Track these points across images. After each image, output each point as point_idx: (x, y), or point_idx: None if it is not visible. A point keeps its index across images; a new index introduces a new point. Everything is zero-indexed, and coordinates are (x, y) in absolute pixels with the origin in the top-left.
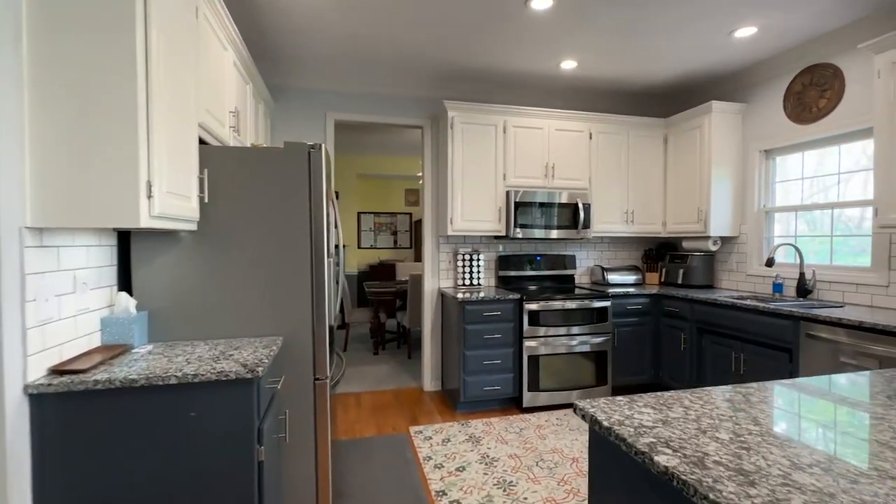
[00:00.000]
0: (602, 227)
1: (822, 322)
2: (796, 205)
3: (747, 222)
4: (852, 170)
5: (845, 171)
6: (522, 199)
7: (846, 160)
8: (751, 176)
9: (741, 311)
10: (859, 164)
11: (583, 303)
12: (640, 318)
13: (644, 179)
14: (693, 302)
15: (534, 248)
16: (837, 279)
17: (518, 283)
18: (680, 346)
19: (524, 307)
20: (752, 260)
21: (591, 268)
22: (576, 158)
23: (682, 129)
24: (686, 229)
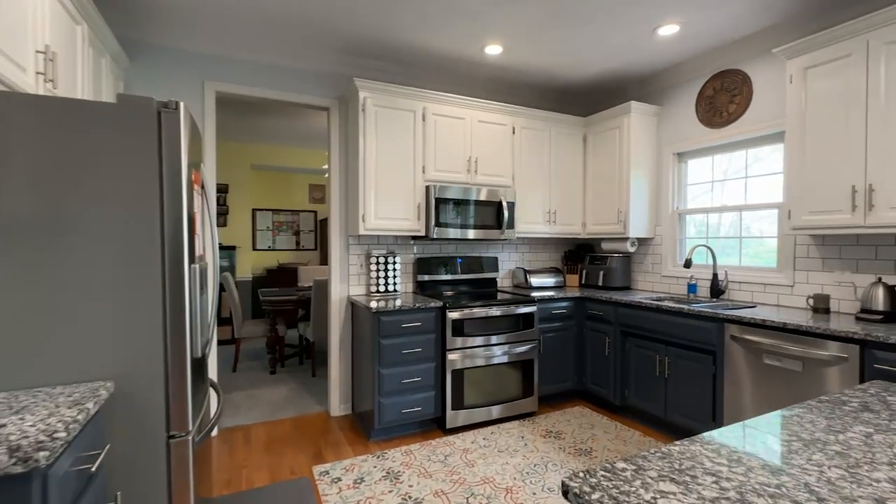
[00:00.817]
0: (525, 227)
1: (746, 324)
2: (707, 207)
3: (662, 224)
4: (760, 173)
5: (753, 174)
6: (443, 196)
7: (753, 164)
8: (665, 178)
9: (666, 314)
10: (767, 168)
11: (509, 309)
12: (564, 323)
13: (565, 179)
14: (618, 305)
15: (454, 250)
16: (747, 280)
17: (438, 289)
18: (604, 350)
19: (447, 316)
20: (666, 261)
21: (512, 270)
22: (499, 154)
23: (601, 128)
24: (606, 230)
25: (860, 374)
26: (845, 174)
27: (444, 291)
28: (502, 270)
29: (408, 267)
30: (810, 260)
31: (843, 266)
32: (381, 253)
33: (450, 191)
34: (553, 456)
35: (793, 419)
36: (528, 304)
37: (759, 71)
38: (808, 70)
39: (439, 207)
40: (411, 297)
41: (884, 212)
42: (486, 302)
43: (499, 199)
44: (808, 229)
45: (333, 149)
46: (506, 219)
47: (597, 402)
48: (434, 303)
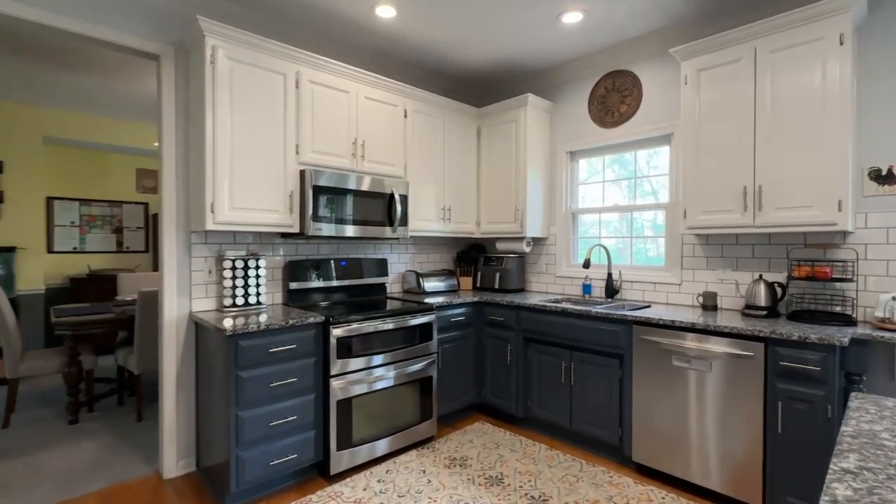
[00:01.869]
0: (419, 224)
1: (655, 325)
2: (599, 206)
3: (556, 223)
4: (649, 174)
5: (642, 175)
6: (322, 183)
7: (642, 165)
8: (559, 176)
9: (572, 318)
10: (656, 168)
11: (404, 320)
12: (462, 331)
13: (459, 173)
14: (520, 309)
15: (335, 251)
16: (638, 279)
17: (314, 299)
18: (506, 358)
19: (330, 333)
20: (560, 262)
21: (403, 274)
22: (390, 138)
23: (496, 121)
24: (502, 230)
25: (764, 370)
26: (737, 175)
27: (322, 302)
28: (392, 274)
29: (275, 273)
30: (696, 259)
31: (725, 264)
32: (240, 255)
33: (330, 178)
34: (463, 492)
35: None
36: (425, 312)
37: (648, 73)
38: (701, 72)
39: (318, 198)
40: (281, 311)
41: (771, 212)
42: (377, 313)
43: (389, 191)
44: (703, 228)
45: (167, 114)
46: (398, 214)
47: (497, 416)
48: (313, 317)
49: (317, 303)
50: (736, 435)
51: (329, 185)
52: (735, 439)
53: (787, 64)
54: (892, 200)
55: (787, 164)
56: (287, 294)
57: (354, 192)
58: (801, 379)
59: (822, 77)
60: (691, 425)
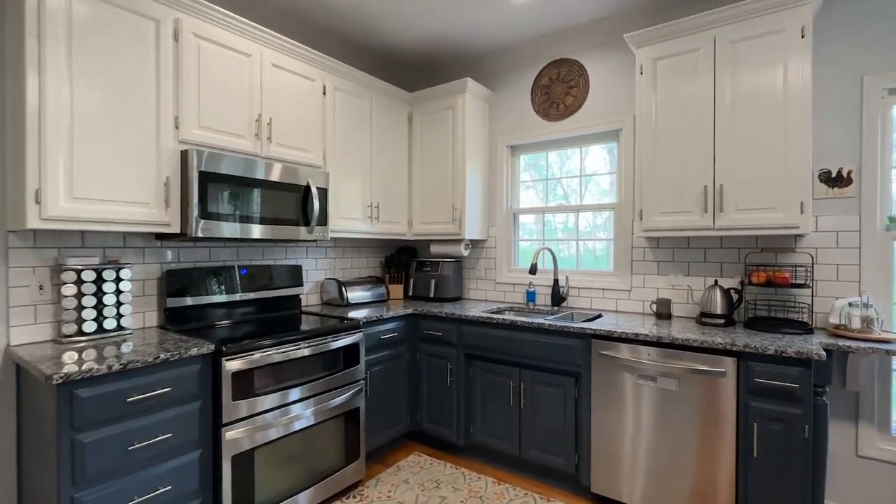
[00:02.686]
0: (342, 224)
1: (617, 339)
2: (543, 207)
3: (496, 224)
4: (595, 172)
5: (589, 173)
6: (214, 169)
7: (588, 163)
8: (499, 173)
9: (522, 331)
10: (603, 166)
11: (324, 342)
12: (394, 350)
13: (389, 165)
14: (461, 322)
15: (233, 256)
16: (586, 285)
17: (207, 319)
18: (445, 379)
19: (223, 367)
20: (501, 266)
21: (322, 283)
22: (305, 119)
23: (431, 108)
24: (437, 231)
25: (736, 388)
26: (697, 174)
27: (217, 323)
28: (308, 283)
29: (150, 286)
30: (646, 263)
31: (676, 269)
32: (89, 264)
33: (226, 162)
34: None
35: None
36: (350, 331)
37: (596, 63)
38: (658, 62)
39: (206, 188)
40: (156, 339)
41: (732, 214)
42: (289, 335)
43: (305, 182)
44: (661, 231)
45: None
46: (315, 211)
47: (436, 445)
48: (198, 346)
49: (208, 324)
50: (707, 460)
51: (223, 171)
52: (706, 464)
53: (748, 56)
54: (842, 203)
55: (748, 163)
56: (165, 313)
57: (259, 183)
58: (776, 397)
59: (783, 72)
60: (657, 450)
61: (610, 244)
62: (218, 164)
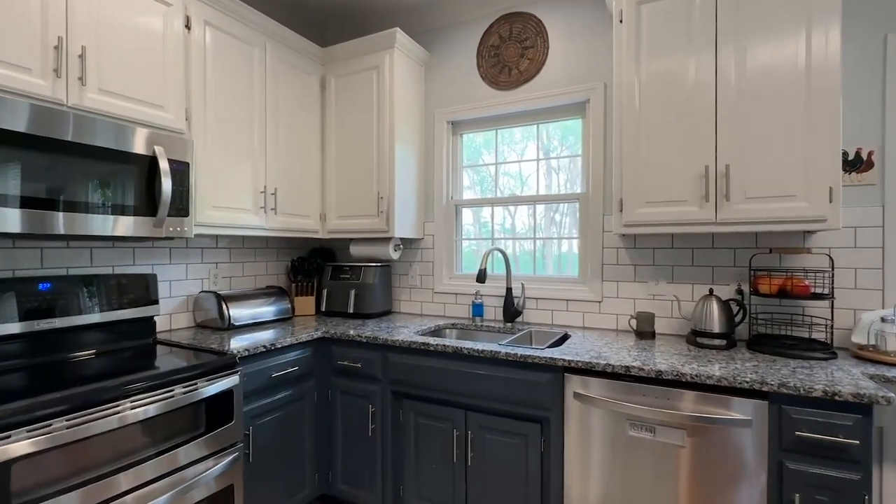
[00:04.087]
0: (218, 216)
1: (599, 373)
2: (493, 198)
3: (434, 219)
4: (560, 155)
5: (548, 156)
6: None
7: (548, 143)
8: (437, 155)
9: (469, 361)
10: (566, 148)
11: (175, 396)
12: (295, 390)
13: (293, 140)
14: (387, 348)
15: (33, 262)
16: (546, 295)
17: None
18: (366, 426)
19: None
20: (441, 272)
21: (194, 297)
22: (151, 58)
23: (351, 68)
24: (359, 227)
25: (769, 443)
26: (695, 154)
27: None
28: (174, 299)
29: None
30: (620, 268)
31: (657, 274)
32: None
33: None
34: None
35: None
36: (220, 372)
37: (557, 17)
38: (643, 5)
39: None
40: None
41: (740, 203)
42: (117, 387)
43: (150, 150)
44: (648, 225)
45: None
46: (166, 195)
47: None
48: None
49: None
50: None
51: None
52: None
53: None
54: (861, 192)
55: (760, 138)
56: None
57: (60, 146)
58: (825, 456)
59: (808, 16)
60: None
61: (573, 245)
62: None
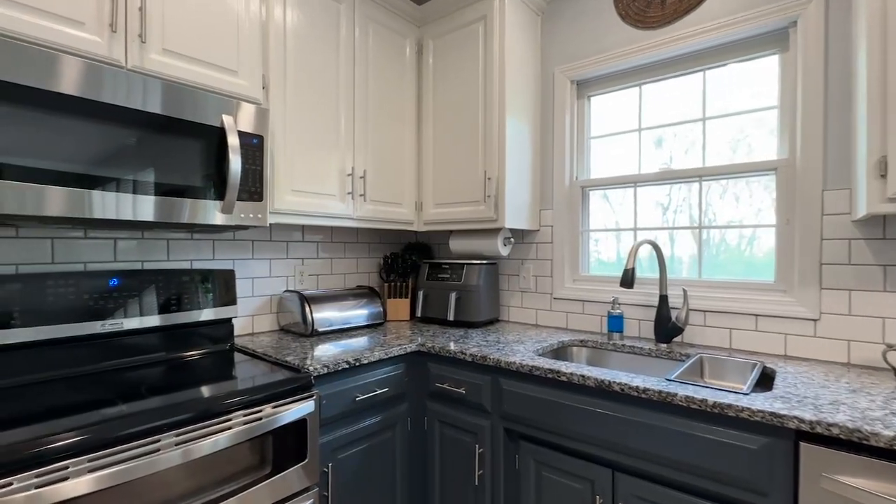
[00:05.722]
0: (294, 201)
1: (872, 451)
2: (635, 175)
3: (553, 206)
4: (739, 110)
5: (718, 114)
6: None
7: (716, 96)
8: (558, 125)
9: (617, 400)
10: (744, 101)
11: (234, 427)
12: (384, 416)
13: (384, 116)
14: (499, 372)
15: (103, 253)
16: (718, 307)
17: (27, 374)
18: (472, 470)
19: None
20: (563, 272)
21: (278, 298)
22: (220, 14)
23: (451, 24)
24: (461, 216)
25: None
26: None
27: (49, 376)
28: (258, 298)
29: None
30: (856, 270)
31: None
32: None
33: (30, 61)
34: None
35: None
36: (290, 397)
37: None
38: None
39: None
40: None
41: None
42: (142, 419)
43: (217, 121)
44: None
45: None
46: (235, 173)
47: None
48: None
49: (22, 382)
50: None
51: (11, 78)
52: None
53: None
54: None
55: None
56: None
57: (117, 113)
58: None
59: None
60: None
61: (769, 235)
62: (4, 63)
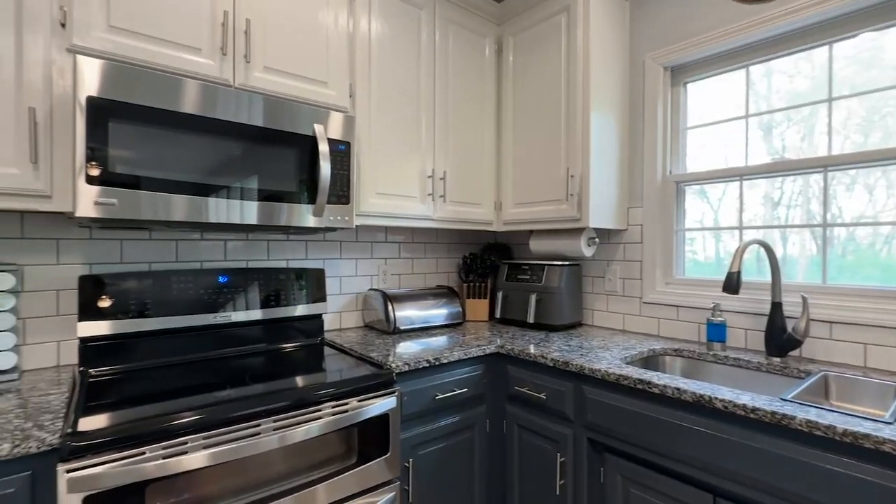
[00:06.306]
0: (381, 204)
1: None
2: (741, 167)
3: (644, 203)
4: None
5: (845, 93)
6: (126, 96)
7: (847, 73)
8: (649, 115)
9: (720, 419)
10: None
11: (323, 417)
12: (462, 417)
13: (463, 116)
14: (582, 379)
15: (214, 253)
16: (847, 317)
17: (141, 357)
18: (553, 478)
19: (59, 486)
20: (653, 274)
21: (363, 296)
22: (312, 30)
23: (532, 18)
24: (542, 216)
25: None
26: None
27: (166, 362)
28: (345, 296)
29: (67, 301)
30: None
31: None
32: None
33: (156, 87)
34: None
35: None
36: (374, 392)
37: None
38: None
39: (108, 129)
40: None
41: None
42: (290, 395)
43: (310, 130)
44: None
45: None
46: (325, 178)
47: None
48: (21, 441)
49: (142, 365)
50: None
51: (147, 102)
52: None
53: None
54: None
55: None
56: (84, 349)
57: (226, 128)
58: None
59: None
60: None
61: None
62: (139, 89)
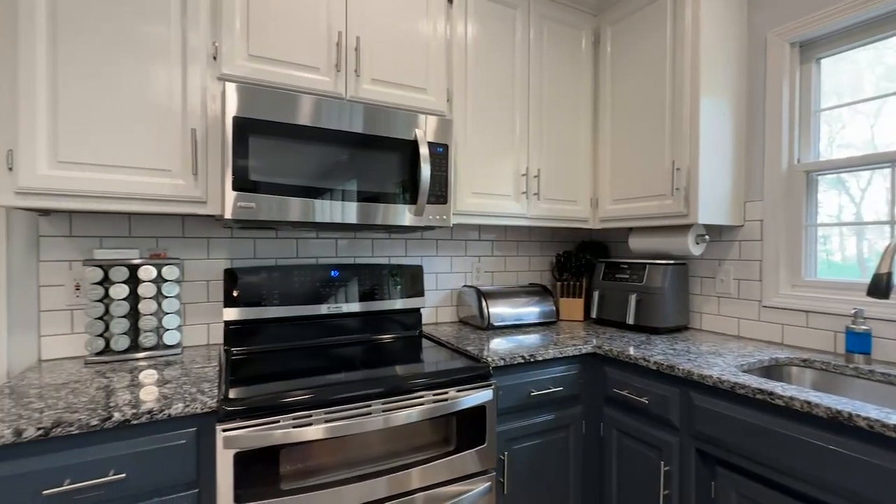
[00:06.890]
0: (476, 203)
1: None
2: (885, 153)
3: (764, 196)
4: None
5: None
6: (262, 114)
7: None
8: (772, 98)
9: (866, 441)
10: None
11: (425, 404)
12: (557, 415)
13: (557, 113)
14: (690, 385)
15: (329, 250)
16: None
17: (275, 340)
18: (656, 487)
19: (218, 444)
20: (775, 276)
21: (458, 292)
22: (412, 39)
23: (632, 6)
24: (642, 212)
25: None
26: None
27: (292, 345)
28: (440, 292)
29: (215, 290)
30: None
31: None
32: (121, 258)
33: (286, 105)
34: None
35: None
36: (472, 384)
37: None
38: None
39: (249, 144)
40: (207, 359)
41: None
42: (398, 381)
43: (412, 136)
44: None
45: None
46: (425, 180)
47: None
48: (185, 403)
49: (276, 347)
50: None
51: (281, 119)
52: None
53: None
54: None
55: None
56: (227, 331)
57: (342, 138)
58: None
59: None
60: None
61: None
62: (271, 107)
